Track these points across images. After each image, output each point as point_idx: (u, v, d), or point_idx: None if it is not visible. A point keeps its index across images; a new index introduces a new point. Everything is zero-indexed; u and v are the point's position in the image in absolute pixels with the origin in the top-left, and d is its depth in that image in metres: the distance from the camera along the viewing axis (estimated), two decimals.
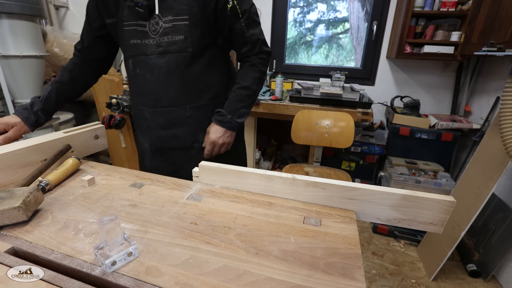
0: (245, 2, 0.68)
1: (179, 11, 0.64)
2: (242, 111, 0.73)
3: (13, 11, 1.52)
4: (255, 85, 0.74)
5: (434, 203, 0.44)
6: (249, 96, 0.74)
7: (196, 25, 0.66)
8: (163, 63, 0.68)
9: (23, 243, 0.38)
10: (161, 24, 0.65)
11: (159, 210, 0.48)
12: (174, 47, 0.67)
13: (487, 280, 1.28)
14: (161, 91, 0.71)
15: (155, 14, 0.65)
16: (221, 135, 0.72)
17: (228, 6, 0.65)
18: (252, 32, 0.70)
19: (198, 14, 0.65)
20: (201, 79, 0.73)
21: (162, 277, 0.33)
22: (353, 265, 0.36)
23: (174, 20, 0.65)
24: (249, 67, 0.74)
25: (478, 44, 1.37)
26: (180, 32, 0.66)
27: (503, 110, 1.01)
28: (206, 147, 0.74)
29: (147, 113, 0.75)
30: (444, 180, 1.50)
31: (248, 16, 0.68)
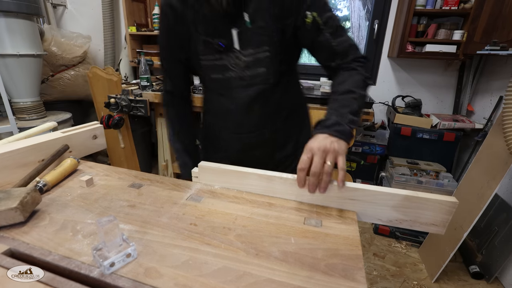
0: (325, 10, 0.59)
1: (259, 42, 0.60)
2: (350, 117, 0.54)
3: (10, 10, 1.52)
4: (360, 88, 0.59)
5: (436, 204, 0.44)
6: (355, 99, 0.57)
7: (276, 54, 0.62)
8: (245, 95, 0.66)
9: (20, 245, 0.38)
10: (241, 58, 0.62)
11: (158, 210, 0.47)
12: (257, 80, 0.64)
13: (490, 282, 1.27)
14: (242, 119, 0.70)
15: (234, 49, 0.62)
16: (323, 139, 0.49)
17: (307, 20, 0.59)
18: (340, 40, 0.61)
19: (278, 42, 0.61)
20: (280, 104, 0.70)
21: (161, 279, 0.33)
22: (354, 266, 0.36)
23: (255, 53, 0.61)
24: (346, 71, 0.62)
25: (481, 43, 1.36)
26: (261, 64, 0.62)
27: (506, 110, 1.00)
28: (301, 161, 0.49)
29: (226, 135, 0.75)
30: (446, 181, 1.49)
31: (331, 24, 0.60)
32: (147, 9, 2.16)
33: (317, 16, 0.58)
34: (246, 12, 0.58)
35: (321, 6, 0.59)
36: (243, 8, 0.58)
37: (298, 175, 0.48)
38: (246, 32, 0.59)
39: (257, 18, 0.58)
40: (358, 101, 0.57)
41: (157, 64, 2.08)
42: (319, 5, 0.59)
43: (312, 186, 0.47)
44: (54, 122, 0.74)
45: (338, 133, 0.50)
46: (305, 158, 0.48)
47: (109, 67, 1.78)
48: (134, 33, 2.02)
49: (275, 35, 0.60)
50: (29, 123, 1.73)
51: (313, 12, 0.58)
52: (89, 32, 2.22)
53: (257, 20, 0.58)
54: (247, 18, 0.58)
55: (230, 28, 0.59)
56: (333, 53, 0.62)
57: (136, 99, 1.68)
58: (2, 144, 0.59)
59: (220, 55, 0.63)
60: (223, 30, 0.60)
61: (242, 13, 0.58)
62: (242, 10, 0.58)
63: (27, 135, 0.65)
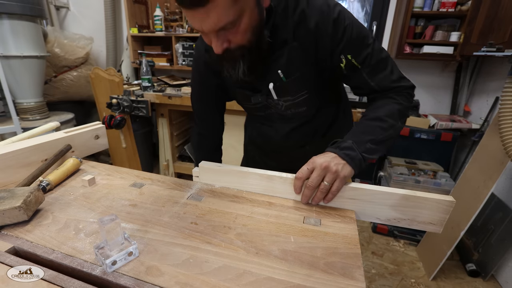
0: (363, 47, 0.54)
1: (296, 90, 0.60)
2: (368, 146, 0.51)
3: (14, 12, 1.53)
4: (393, 118, 0.54)
5: (433, 203, 0.44)
6: (382, 130, 0.53)
7: (316, 93, 0.62)
8: (286, 126, 0.69)
9: (24, 243, 0.39)
10: (281, 103, 0.62)
11: (159, 210, 0.48)
12: (298, 116, 0.66)
13: (486, 280, 1.28)
14: (283, 144, 0.73)
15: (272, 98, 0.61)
16: (330, 160, 0.48)
17: (342, 65, 0.56)
18: (380, 78, 0.56)
19: (316, 84, 0.60)
20: (322, 124, 0.71)
21: (162, 277, 0.33)
22: (353, 264, 0.36)
23: (294, 99, 0.61)
24: (384, 99, 0.58)
25: (478, 44, 1.37)
26: (301, 105, 0.63)
27: (502, 110, 1.01)
28: (300, 170, 0.49)
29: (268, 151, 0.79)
30: (444, 180, 1.51)
31: (369, 62, 0.55)
32: (148, 11, 2.17)
33: (352, 58, 0.55)
34: (279, 69, 0.56)
35: (358, 45, 0.54)
36: (275, 64, 0.56)
37: (295, 183, 0.50)
38: (283, 85, 0.58)
39: (291, 70, 0.57)
40: (385, 131, 0.54)
41: (158, 65, 2.09)
42: (355, 45, 0.54)
43: (305, 198, 0.49)
44: (57, 122, 0.74)
45: (348, 158, 0.49)
46: (305, 169, 0.49)
47: (111, 68, 1.79)
48: (136, 34, 2.02)
49: (312, 80, 0.59)
50: (32, 124, 1.74)
51: (348, 54, 0.54)
52: (91, 34, 2.22)
53: (291, 72, 0.57)
54: (281, 74, 0.57)
55: (267, 83, 0.58)
56: (371, 90, 0.59)
57: (137, 100, 1.69)
58: (6, 144, 0.59)
59: (260, 102, 0.63)
60: (260, 85, 0.60)
61: (276, 70, 0.57)
62: (275, 67, 0.56)
63: (30, 135, 0.65)
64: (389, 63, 0.57)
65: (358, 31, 0.54)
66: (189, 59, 1.97)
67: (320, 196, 0.48)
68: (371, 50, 0.55)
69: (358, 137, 0.53)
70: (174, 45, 2.00)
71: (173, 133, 1.94)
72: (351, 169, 0.49)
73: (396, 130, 0.56)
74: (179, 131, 2.02)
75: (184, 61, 2.00)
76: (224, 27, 0.44)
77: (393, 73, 0.57)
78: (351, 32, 0.53)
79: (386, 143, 0.55)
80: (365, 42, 0.55)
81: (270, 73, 0.57)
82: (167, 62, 2.10)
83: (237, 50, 0.49)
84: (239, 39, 0.47)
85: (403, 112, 0.57)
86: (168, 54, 2.09)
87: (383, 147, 0.55)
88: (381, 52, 0.57)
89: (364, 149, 0.51)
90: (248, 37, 0.47)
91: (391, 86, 0.57)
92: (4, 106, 1.68)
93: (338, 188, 0.47)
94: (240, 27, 0.45)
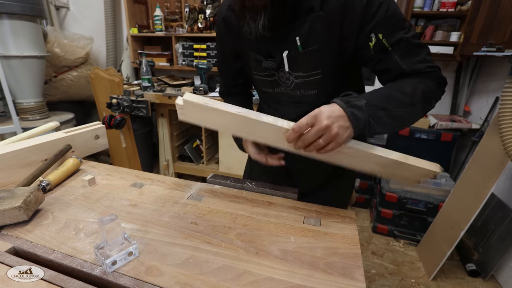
0: (396, 29, 0.49)
1: (310, 66, 0.56)
2: (380, 113, 0.46)
3: (14, 12, 1.53)
4: (415, 97, 0.49)
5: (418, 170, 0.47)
6: (402, 104, 0.48)
7: (330, 76, 0.57)
8: (293, 112, 0.63)
9: (24, 243, 0.39)
10: (291, 79, 0.58)
11: (159, 210, 0.48)
12: (306, 100, 0.61)
13: (486, 280, 1.28)
14: None
15: (284, 70, 0.57)
16: (335, 118, 0.43)
17: (371, 44, 0.51)
18: (414, 61, 0.51)
19: (333, 65, 0.55)
20: None
21: (162, 277, 0.33)
22: (353, 264, 0.36)
23: (306, 76, 0.57)
24: (412, 78, 0.52)
25: (478, 44, 1.37)
26: (312, 87, 0.58)
27: (502, 110, 1.01)
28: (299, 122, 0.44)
29: None
30: (444, 180, 1.51)
31: (402, 45, 0.50)
32: (148, 11, 2.17)
33: (384, 38, 0.50)
34: (297, 36, 0.53)
35: (392, 25, 0.49)
36: (295, 31, 0.53)
37: (290, 134, 0.45)
38: (298, 55, 0.54)
39: (311, 41, 0.53)
40: (405, 107, 0.48)
41: (158, 65, 2.09)
42: (389, 24, 0.49)
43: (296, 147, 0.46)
44: (56, 122, 0.74)
45: (354, 118, 0.43)
46: (304, 122, 0.43)
47: (111, 68, 1.79)
48: (136, 34, 2.02)
49: (329, 58, 0.54)
50: (32, 124, 1.74)
51: (379, 33, 0.49)
52: (91, 34, 2.22)
53: (310, 43, 0.53)
54: (299, 42, 0.53)
55: (282, 50, 0.55)
56: (403, 74, 0.52)
57: (137, 100, 1.69)
58: (6, 144, 0.59)
59: (270, 72, 0.60)
60: (274, 51, 0.57)
61: (294, 37, 0.53)
62: (294, 34, 0.53)
63: (30, 135, 0.65)
64: (424, 51, 0.52)
65: (395, 10, 0.50)
66: (189, 59, 1.97)
67: (312, 149, 0.45)
68: (404, 34, 0.50)
69: (376, 100, 0.47)
70: (174, 45, 2.00)
71: (173, 133, 1.94)
72: (352, 131, 0.44)
73: (414, 113, 0.50)
74: (179, 131, 2.02)
75: (184, 61, 2.00)
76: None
77: (425, 60, 0.52)
78: (386, 10, 0.48)
79: (400, 123, 0.50)
80: (399, 24, 0.50)
81: (288, 40, 0.54)
82: (167, 62, 2.10)
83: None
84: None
85: (427, 97, 0.50)
86: (168, 54, 2.10)
87: (395, 125, 0.49)
88: (415, 38, 0.51)
89: (373, 115, 0.45)
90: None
91: (425, 70, 0.51)
92: (4, 106, 1.68)
93: (332, 148, 0.44)
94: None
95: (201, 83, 1.71)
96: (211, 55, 1.93)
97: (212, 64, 1.83)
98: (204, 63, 1.71)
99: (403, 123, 0.51)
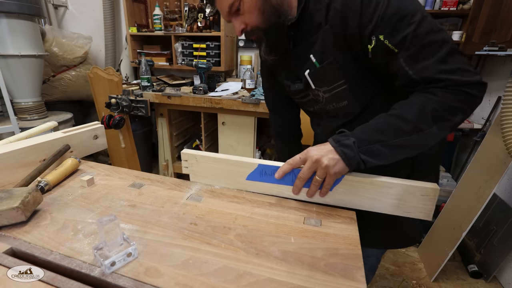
0: (400, 28, 0.44)
1: (333, 79, 0.56)
2: (375, 147, 0.45)
3: (11, 10, 1.52)
4: (423, 120, 0.44)
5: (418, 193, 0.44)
6: (402, 132, 0.45)
7: (356, 84, 0.55)
8: (330, 126, 0.66)
9: (22, 244, 0.38)
10: (321, 95, 0.60)
11: (158, 210, 0.47)
12: (341, 112, 0.61)
13: (488, 281, 1.28)
14: None
15: (312, 88, 0.60)
16: (323, 153, 0.45)
17: (370, 47, 0.47)
18: (423, 65, 0.44)
19: (354, 74, 0.54)
20: None
21: (161, 278, 0.33)
22: (354, 265, 0.36)
23: (332, 89, 0.57)
24: (421, 94, 0.46)
25: (480, 43, 1.36)
26: (341, 98, 0.58)
27: (505, 110, 1.01)
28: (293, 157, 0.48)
29: None
30: (445, 180, 1.50)
31: (408, 45, 0.44)
32: (147, 10, 2.16)
33: (386, 39, 0.45)
34: (312, 54, 0.56)
35: (394, 24, 0.44)
36: (310, 49, 0.56)
37: (283, 166, 0.49)
38: (317, 71, 0.57)
39: (325, 56, 0.54)
40: (406, 135, 0.44)
41: (157, 64, 2.08)
42: (390, 24, 0.44)
43: (295, 188, 0.49)
44: (54, 122, 0.74)
45: (344, 155, 0.44)
46: (297, 158, 0.47)
47: (110, 68, 1.78)
48: (135, 33, 2.02)
49: (348, 67, 0.53)
50: (30, 123, 1.73)
51: (380, 35, 0.45)
52: (90, 33, 2.22)
53: (326, 57, 0.54)
54: (314, 59, 0.56)
55: (304, 70, 0.58)
56: (412, 82, 0.47)
57: (136, 100, 1.69)
58: (4, 144, 0.59)
59: (304, 93, 0.63)
60: (299, 73, 0.60)
61: (309, 56, 0.56)
62: (309, 52, 0.56)
63: (28, 134, 0.65)
64: (443, 48, 0.43)
65: (397, 7, 0.44)
66: (189, 59, 1.97)
67: (314, 189, 0.47)
68: (413, 30, 0.43)
69: (367, 135, 0.46)
70: (173, 45, 1.99)
71: (173, 133, 1.94)
72: (344, 166, 0.45)
73: (425, 137, 0.45)
74: (178, 131, 2.02)
75: (184, 60, 1.99)
76: (231, 10, 0.51)
77: (444, 61, 0.43)
78: (385, 8, 0.44)
79: (405, 149, 0.46)
80: (405, 20, 0.43)
81: (306, 59, 0.57)
82: (166, 62, 2.10)
83: (254, 31, 0.54)
84: (250, 19, 0.52)
85: (440, 115, 0.44)
86: (167, 54, 2.09)
87: (400, 153, 0.46)
88: (430, 34, 0.43)
89: (366, 151, 0.45)
90: (259, 18, 0.52)
91: (435, 78, 0.44)
92: (2, 105, 1.68)
93: (329, 183, 0.46)
94: (245, 8, 0.51)
95: (201, 83, 1.71)
96: (211, 55, 1.93)
97: (211, 63, 1.83)
98: (203, 63, 1.70)
99: (415, 149, 0.46)
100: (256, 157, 1.73)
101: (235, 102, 1.51)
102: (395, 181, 0.45)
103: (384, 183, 0.46)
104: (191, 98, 1.61)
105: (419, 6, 0.45)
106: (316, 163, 0.45)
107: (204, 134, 1.87)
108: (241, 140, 1.66)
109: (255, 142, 1.69)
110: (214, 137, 2.01)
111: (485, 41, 1.26)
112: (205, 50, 1.92)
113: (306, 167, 0.46)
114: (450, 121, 0.45)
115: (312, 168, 0.46)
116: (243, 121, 1.59)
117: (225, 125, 1.67)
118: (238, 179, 0.53)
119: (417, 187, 0.45)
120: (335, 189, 0.48)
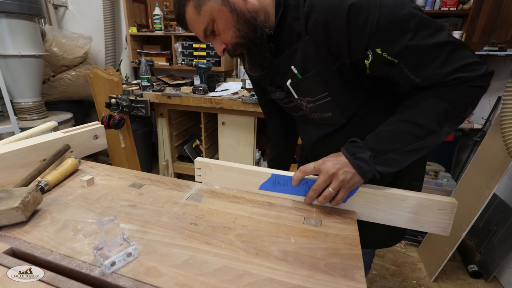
0: (398, 37, 0.42)
1: (316, 90, 0.54)
2: (390, 156, 0.45)
3: (11, 10, 1.52)
4: (435, 122, 0.44)
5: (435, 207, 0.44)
6: (416, 138, 0.45)
7: (341, 97, 0.54)
8: (315, 134, 0.64)
9: (22, 244, 0.38)
10: (304, 104, 0.58)
11: (158, 210, 0.47)
12: (326, 122, 0.60)
13: (488, 281, 1.28)
14: (312, 151, 0.70)
15: (294, 98, 0.58)
16: (339, 166, 0.45)
17: (367, 62, 0.45)
18: (428, 71, 0.43)
19: (338, 87, 0.52)
20: (354, 135, 0.53)
21: (161, 278, 0.33)
22: (354, 265, 0.36)
23: (316, 100, 0.56)
24: (430, 93, 0.45)
25: (480, 43, 1.36)
26: (325, 109, 0.57)
27: (505, 110, 1.01)
28: (307, 165, 0.49)
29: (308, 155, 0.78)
30: (445, 181, 1.50)
31: (411, 52, 0.42)
32: (147, 10, 2.16)
33: (384, 52, 0.43)
34: (293, 65, 0.53)
35: (391, 34, 0.42)
36: (291, 60, 0.53)
37: (296, 174, 0.50)
38: (300, 82, 0.55)
39: (307, 67, 0.52)
40: (420, 139, 0.44)
41: (157, 64, 2.08)
42: (386, 33, 0.42)
43: (308, 199, 0.50)
44: (54, 122, 0.74)
45: (359, 169, 0.44)
46: (311, 167, 0.48)
47: (110, 68, 1.78)
48: (135, 33, 2.02)
49: (331, 80, 0.52)
50: (30, 123, 1.73)
51: (376, 48, 0.43)
52: (90, 33, 2.22)
53: (307, 69, 0.52)
54: (295, 70, 0.53)
55: (286, 80, 0.56)
56: (417, 88, 0.46)
57: (136, 100, 1.69)
58: (4, 144, 0.59)
59: (287, 100, 0.62)
60: (282, 81, 0.58)
61: (290, 66, 0.54)
62: (290, 63, 0.54)
63: (28, 134, 0.65)
64: (445, 49, 0.42)
65: (390, 14, 0.41)
66: (189, 59, 1.97)
67: (324, 201, 0.48)
68: (411, 38, 0.41)
69: (381, 145, 0.46)
70: (173, 45, 2.00)
71: (173, 133, 1.94)
72: (360, 179, 0.45)
73: (439, 137, 0.45)
74: (178, 131, 2.02)
75: (184, 60, 1.99)
76: (206, 33, 0.50)
77: (450, 62, 0.42)
78: (377, 19, 0.41)
79: (419, 152, 0.46)
80: (401, 29, 0.41)
81: (288, 69, 0.55)
82: (166, 62, 2.10)
83: (235, 48, 0.53)
84: (227, 38, 0.51)
85: (452, 113, 0.44)
86: (167, 54, 2.09)
87: (414, 156, 0.46)
88: (430, 37, 0.41)
89: (382, 161, 0.45)
90: (235, 35, 0.50)
91: (444, 80, 0.43)
92: (2, 105, 1.68)
93: (343, 197, 0.47)
94: (220, 28, 0.50)
95: (201, 83, 1.71)
96: (211, 55, 1.93)
97: (211, 63, 1.83)
98: (203, 63, 1.70)
99: (428, 149, 0.47)
100: (256, 157, 1.73)
101: (235, 102, 1.51)
102: (410, 194, 0.45)
103: (399, 196, 0.45)
104: (191, 98, 1.61)
105: (412, 8, 0.42)
106: (332, 176, 0.46)
107: (204, 134, 1.87)
108: (241, 140, 1.66)
109: (255, 142, 1.69)
110: (214, 137, 2.01)
111: (485, 41, 1.26)
112: (205, 50, 1.92)
113: (321, 179, 0.47)
114: (461, 117, 0.46)
115: (327, 181, 0.46)
116: (243, 121, 1.59)
117: (225, 125, 1.67)
118: (251, 188, 0.53)
119: (433, 200, 0.43)
120: (348, 201, 0.48)
